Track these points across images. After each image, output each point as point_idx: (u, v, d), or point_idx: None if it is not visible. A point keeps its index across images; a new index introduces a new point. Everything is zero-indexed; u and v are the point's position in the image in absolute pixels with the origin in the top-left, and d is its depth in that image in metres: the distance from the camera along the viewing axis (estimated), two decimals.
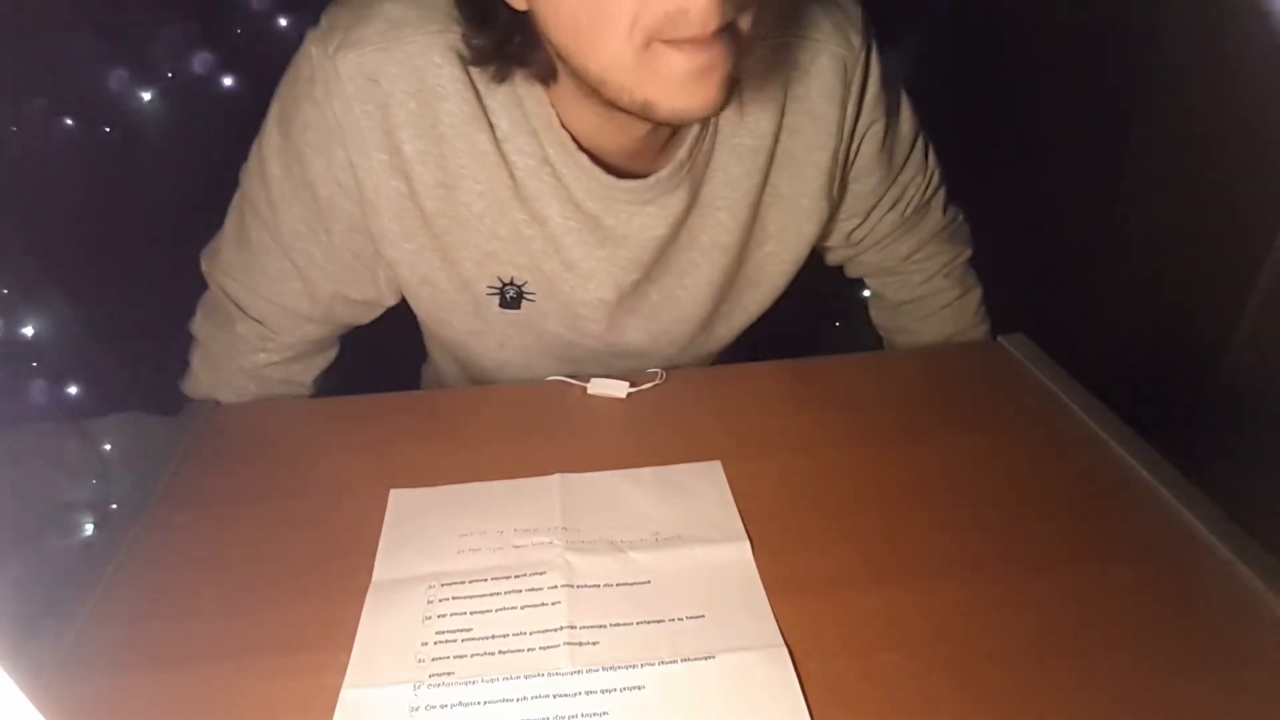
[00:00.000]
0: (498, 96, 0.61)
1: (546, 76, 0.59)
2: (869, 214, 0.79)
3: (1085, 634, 0.50)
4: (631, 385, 0.71)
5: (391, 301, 0.74)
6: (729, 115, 0.65)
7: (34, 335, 1.10)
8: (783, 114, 0.67)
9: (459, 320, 0.72)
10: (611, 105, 0.54)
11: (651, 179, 0.64)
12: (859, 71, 0.68)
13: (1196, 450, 0.74)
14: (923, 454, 0.64)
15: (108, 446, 1.02)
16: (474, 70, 0.60)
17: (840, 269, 0.90)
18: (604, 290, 0.69)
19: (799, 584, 0.54)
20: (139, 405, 1.02)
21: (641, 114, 0.53)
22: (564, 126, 0.62)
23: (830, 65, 0.66)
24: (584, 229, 0.66)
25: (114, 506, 0.98)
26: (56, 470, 1.00)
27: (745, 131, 0.66)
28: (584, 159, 0.62)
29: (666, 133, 0.64)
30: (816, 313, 1.31)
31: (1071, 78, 1.33)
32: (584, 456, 0.64)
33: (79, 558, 0.58)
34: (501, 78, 0.60)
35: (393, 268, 0.68)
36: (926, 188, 0.81)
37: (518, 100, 0.61)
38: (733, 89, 0.53)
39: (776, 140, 0.68)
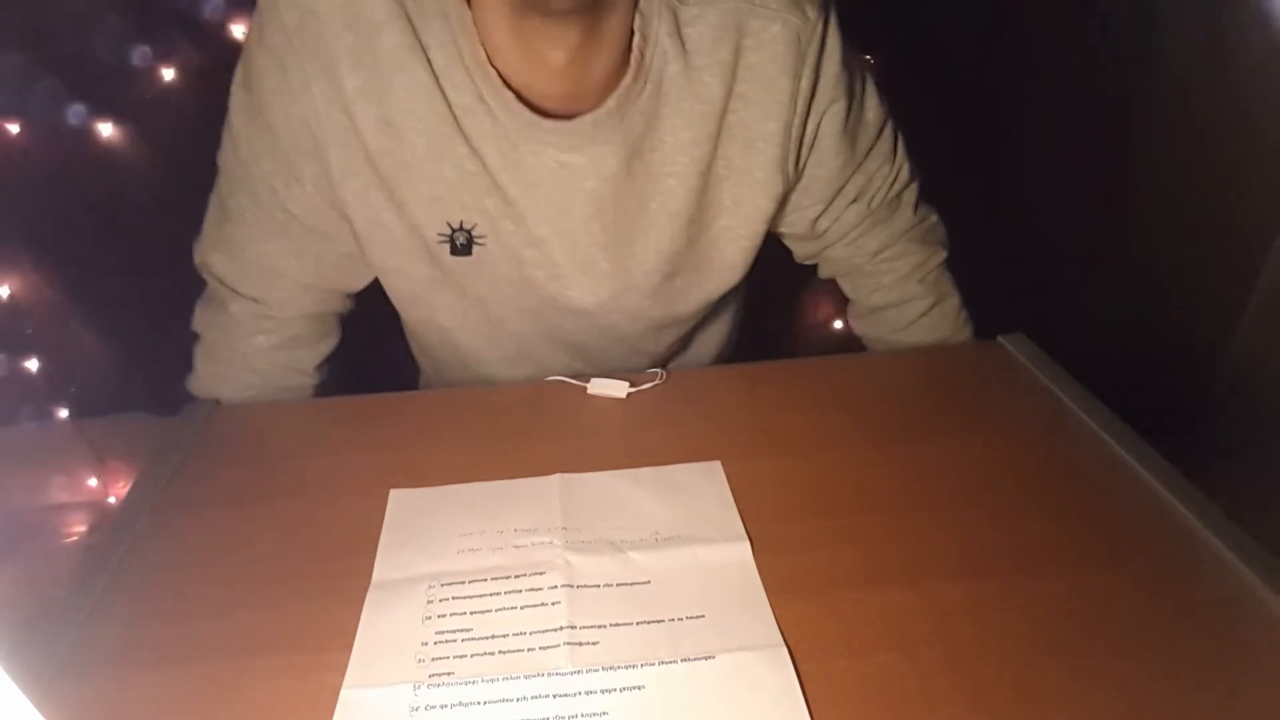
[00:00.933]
0: (433, 31, 0.62)
1: None
2: (832, 201, 0.78)
3: (1085, 634, 0.50)
4: (631, 385, 0.71)
5: (359, 276, 0.75)
6: (676, 79, 0.65)
7: (34, 335, 1.10)
8: (734, 81, 0.66)
9: (412, 268, 0.72)
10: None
11: (576, 121, 0.64)
12: (814, 44, 0.67)
13: (1196, 450, 0.74)
14: (923, 454, 0.64)
15: (108, 447, 1.02)
16: (412, 7, 0.61)
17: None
18: (542, 229, 0.68)
19: (799, 584, 0.54)
20: (139, 405, 1.02)
21: (512, 7, 0.57)
22: (491, 64, 0.62)
23: (783, 34, 0.65)
24: (519, 169, 0.66)
25: (114, 506, 0.98)
26: (56, 470, 1.00)
27: (694, 97, 0.66)
28: (509, 97, 0.62)
29: (593, 78, 0.63)
30: (816, 313, 1.32)
31: (1071, 77, 1.33)
32: (584, 456, 0.64)
33: (79, 558, 0.58)
34: None
35: (344, 210, 0.68)
36: (894, 181, 0.79)
37: (451, 36, 0.62)
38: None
39: (727, 107, 0.67)
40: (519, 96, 0.63)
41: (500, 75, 0.62)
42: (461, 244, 0.69)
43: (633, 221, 0.69)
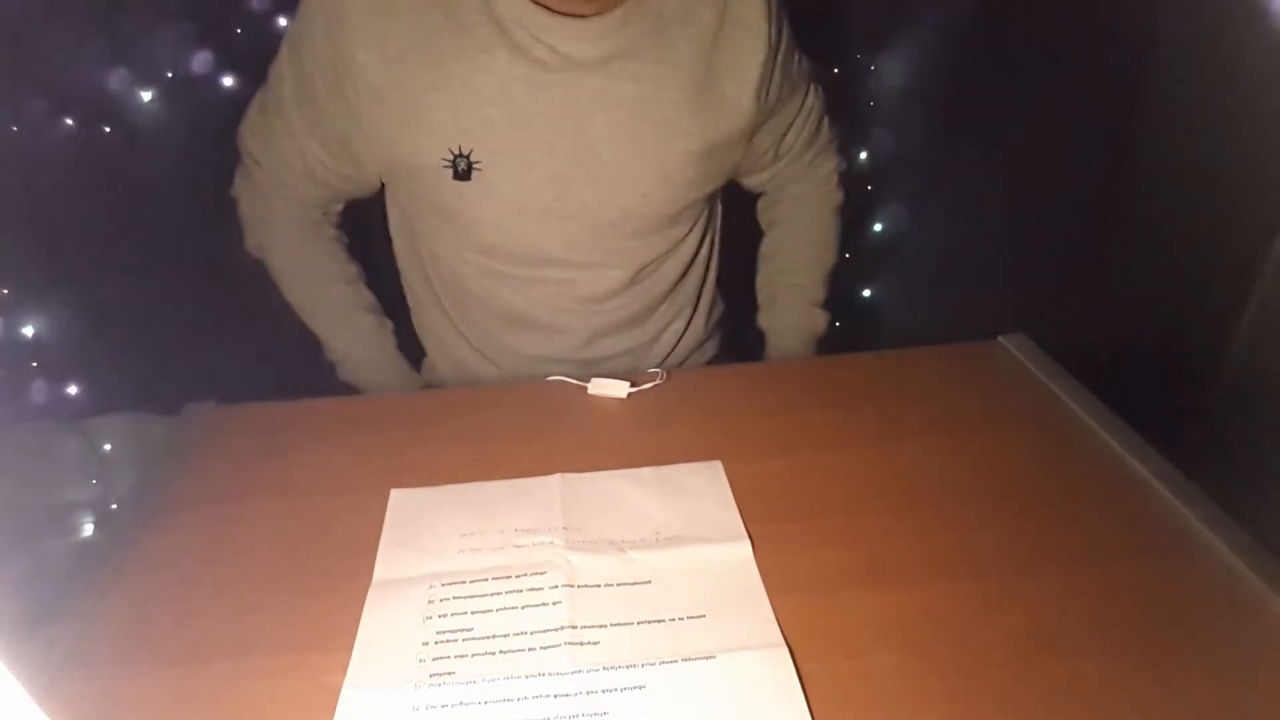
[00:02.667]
0: None
1: None
2: (790, 125, 0.92)
3: (1085, 633, 0.50)
4: (632, 385, 0.72)
5: (371, 180, 0.85)
6: (676, 11, 0.77)
7: (34, 335, 1.10)
8: (723, 21, 0.78)
9: (421, 188, 0.80)
10: None
11: (587, 20, 0.74)
12: (776, 2, 0.80)
13: (1196, 450, 0.74)
14: (923, 454, 0.64)
15: (108, 446, 1.02)
16: None
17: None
18: (549, 134, 0.76)
19: (799, 584, 0.54)
20: (139, 405, 1.02)
21: None
22: None
23: None
24: (527, 74, 0.74)
25: (114, 506, 0.98)
26: (56, 470, 1.00)
27: (690, 23, 0.77)
28: (529, 5, 0.72)
29: None
30: None
31: (1071, 77, 1.33)
32: (584, 456, 0.64)
33: (79, 558, 0.58)
34: None
35: (366, 134, 0.78)
36: (816, 101, 0.94)
37: None
38: None
39: (718, 41, 0.78)
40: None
41: None
42: (462, 170, 0.77)
43: (636, 124, 0.77)
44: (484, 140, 0.76)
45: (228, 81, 1.17)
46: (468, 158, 0.76)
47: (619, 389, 0.71)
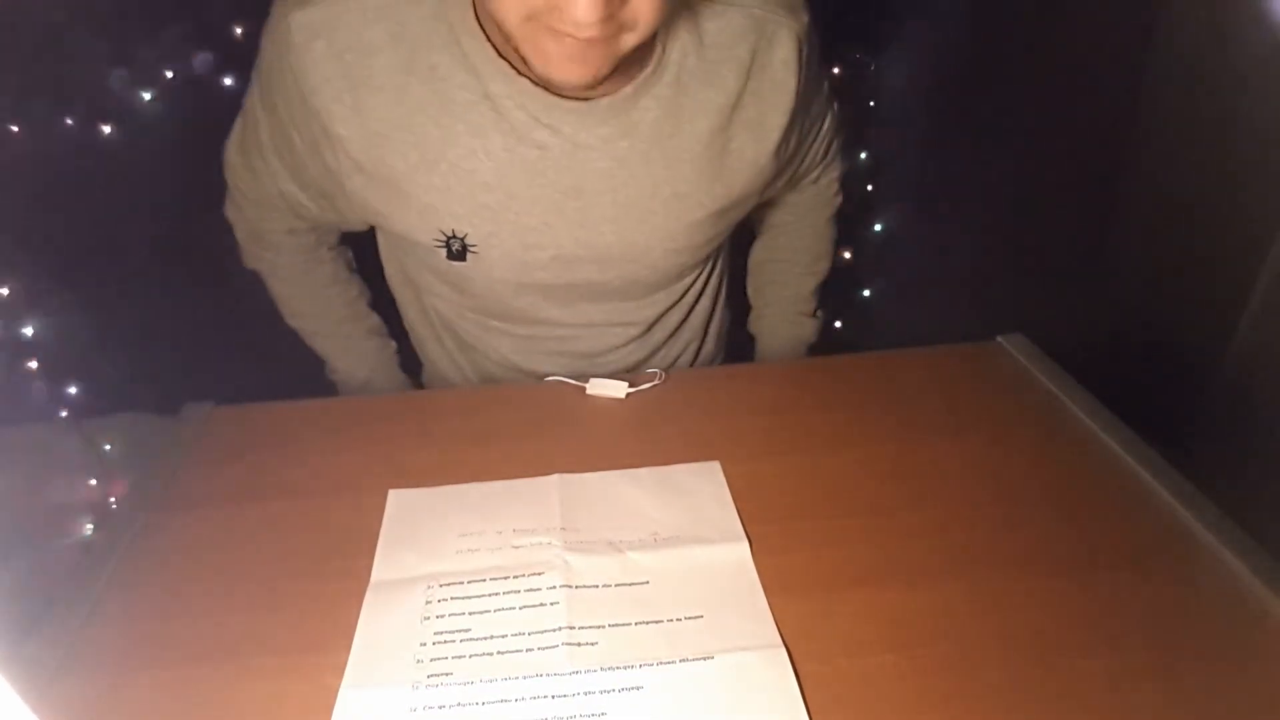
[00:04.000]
0: (434, 39, 0.65)
1: None
2: (805, 158, 0.87)
3: (1084, 634, 0.50)
4: (631, 385, 0.72)
5: (359, 226, 0.81)
6: (694, 71, 0.69)
7: (34, 335, 1.10)
8: (748, 78, 0.71)
9: (414, 251, 0.76)
10: None
11: (593, 103, 0.67)
12: (807, 45, 0.73)
13: (1196, 450, 0.74)
14: (922, 454, 0.64)
15: (108, 446, 1.02)
16: (409, 22, 0.65)
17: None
18: (548, 215, 0.71)
19: (798, 584, 0.54)
20: (139, 405, 1.02)
21: (522, 63, 0.61)
22: (501, 57, 0.65)
23: (789, 40, 0.71)
24: (525, 159, 0.68)
25: (114, 506, 0.98)
26: (56, 470, 1.00)
27: (711, 88, 0.70)
28: (525, 83, 0.65)
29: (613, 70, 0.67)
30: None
31: (1072, 78, 1.33)
32: (583, 457, 0.64)
33: (79, 558, 0.58)
34: None
35: (349, 198, 0.73)
36: (833, 121, 0.88)
37: (454, 38, 0.65)
38: (604, 75, 0.60)
39: (740, 101, 0.71)
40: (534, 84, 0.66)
41: (512, 66, 0.65)
42: (456, 250, 0.72)
43: (645, 202, 0.72)
44: (478, 225, 0.71)
45: (228, 81, 1.17)
46: (462, 240, 0.71)
47: (617, 389, 0.71)
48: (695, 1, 0.68)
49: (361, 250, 0.89)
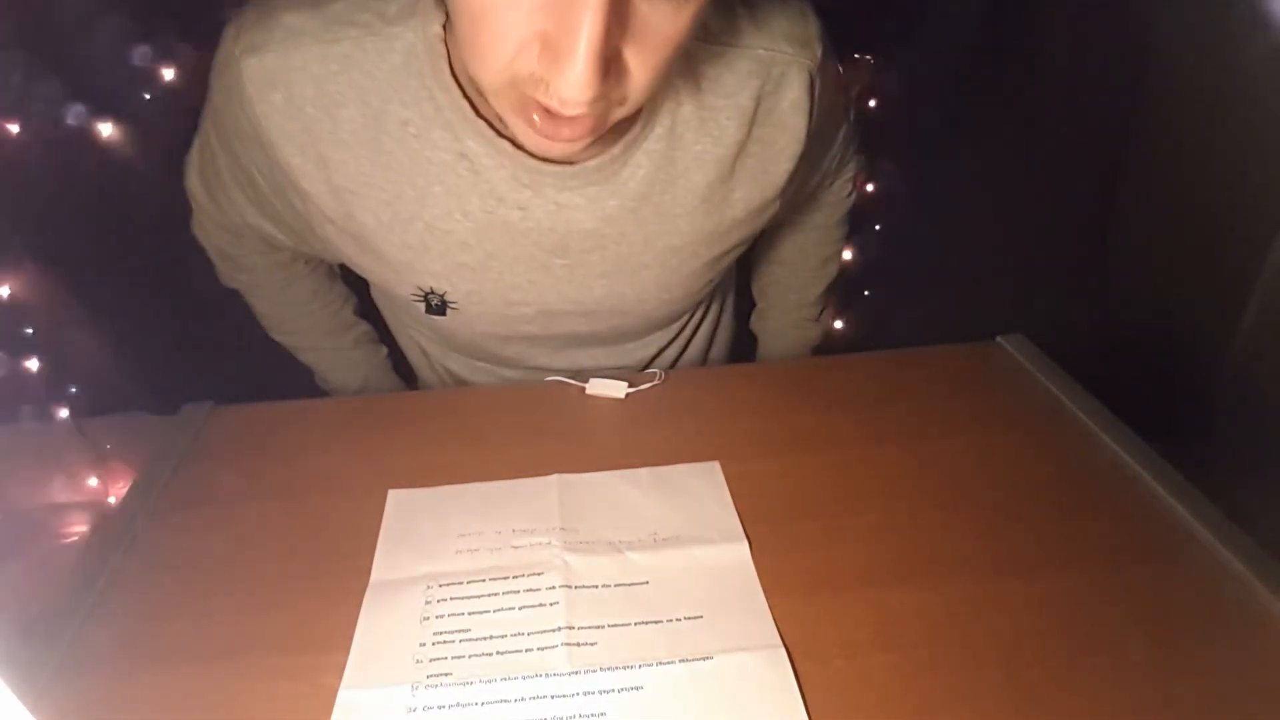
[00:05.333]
0: (406, 94, 0.59)
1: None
2: (820, 173, 0.83)
3: (1084, 634, 0.50)
4: (630, 385, 0.71)
5: (332, 260, 0.77)
6: (689, 119, 0.63)
7: (34, 335, 1.10)
8: (752, 125, 0.65)
9: (390, 302, 0.74)
10: None
11: (579, 166, 0.61)
12: (819, 79, 0.66)
13: (1196, 451, 0.74)
14: (922, 454, 0.64)
15: (108, 446, 1.02)
16: (377, 74, 0.59)
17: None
18: (532, 273, 0.67)
19: (797, 584, 0.54)
20: (139, 405, 1.02)
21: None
22: (479, 116, 0.59)
23: (799, 78, 0.64)
24: (506, 220, 0.63)
25: (114, 506, 0.98)
26: (56, 470, 1.00)
27: (708, 139, 0.64)
28: (505, 144, 0.59)
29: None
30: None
31: (1071, 78, 1.33)
32: (582, 457, 0.64)
33: (79, 558, 0.58)
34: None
35: (323, 242, 0.69)
36: (848, 129, 0.82)
37: (429, 94, 0.59)
38: (598, 134, 0.53)
39: (743, 150, 0.65)
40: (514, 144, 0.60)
41: (490, 125, 0.59)
42: (436, 305, 0.69)
43: (637, 257, 0.68)
44: (457, 284, 0.67)
45: None
46: (441, 296, 0.68)
47: (617, 389, 0.71)
48: (691, 44, 0.57)
49: None
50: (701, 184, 0.65)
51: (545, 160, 0.60)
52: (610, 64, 0.47)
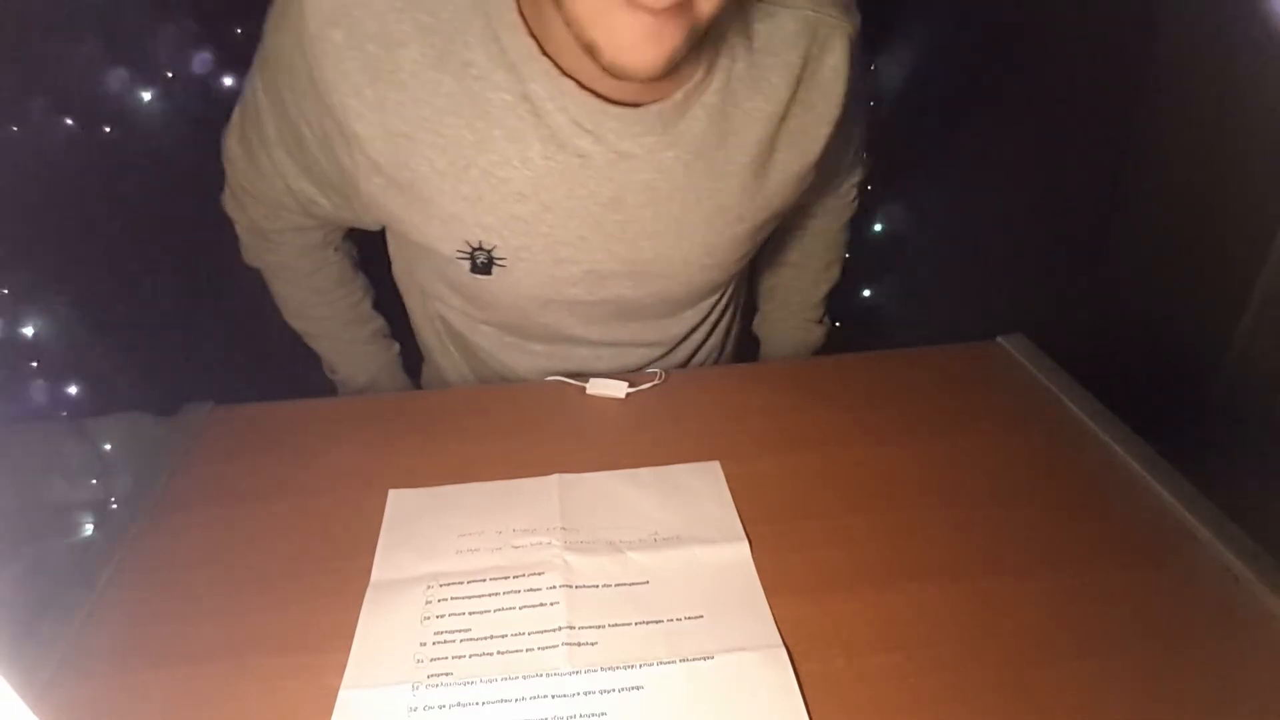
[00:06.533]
0: (470, 35, 0.60)
1: None
2: (837, 163, 0.83)
3: (1084, 634, 0.50)
4: (631, 385, 0.71)
5: (373, 226, 0.77)
6: (742, 76, 0.64)
7: (34, 335, 1.10)
8: (798, 87, 0.66)
9: (431, 260, 0.72)
10: None
11: (642, 109, 0.62)
12: (857, 48, 0.68)
13: (1196, 450, 0.74)
14: (922, 454, 0.64)
15: (108, 446, 1.02)
16: (441, 13, 0.59)
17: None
18: (584, 229, 0.66)
19: (798, 584, 0.54)
20: (139, 405, 1.02)
21: (586, 52, 0.54)
22: (544, 55, 0.59)
23: (842, 44, 0.67)
24: (565, 168, 0.63)
25: (114, 506, 0.98)
26: (56, 470, 1.00)
27: (760, 95, 0.65)
28: (570, 84, 0.60)
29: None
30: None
31: (1072, 77, 1.33)
32: (583, 457, 0.64)
33: (79, 558, 0.58)
34: None
35: (364, 200, 0.68)
36: (863, 133, 0.85)
37: (493, 34, 0.59)
38: (679, 57, 0.54)
39: (789, 111, 0.67)
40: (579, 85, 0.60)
41: (556, 64, 0.59)
42: (481, 263, 0.67)
43: (686, 215, 0.68)
44: (508, 237, 0.66)
45: (228, 81, 1.17)
46: (489, 253, 0.66)
47: (617, 389, 0.71)
48: (746, 1, 0.63)
49: (365, 239, 0.87)
50: (751, 142, 0.66)
51: (609, 101, 0.60)
52: None
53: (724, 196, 0.68)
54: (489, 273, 0.68)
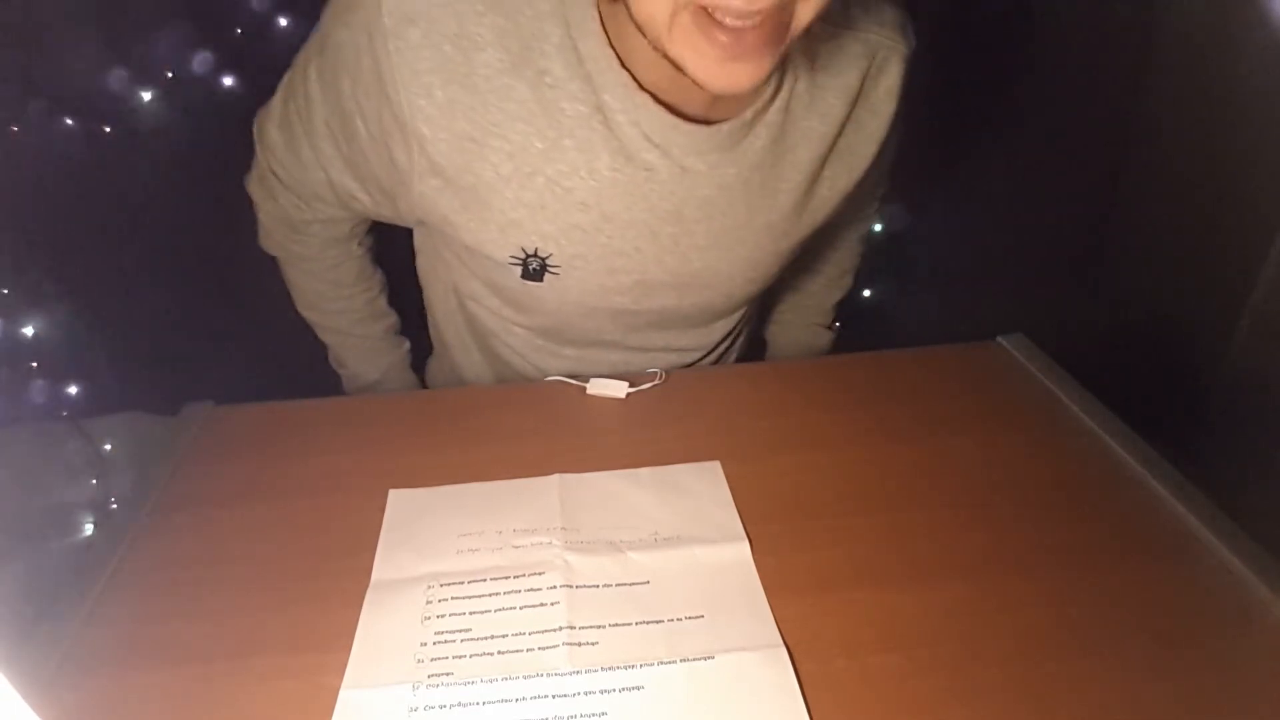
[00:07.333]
0: (548, 41, 0.59)
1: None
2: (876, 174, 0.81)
3: (1084, 634, 0.50)
4: (631, 385, 0.71)
5: (412, 224, 0.76)
6: (801, 96, 0.65)
7: (34, 335, 1.10)
8: (854, 105, 0.67)
9: (476, 265, 0.72)
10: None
11: (714, 128, 0.62)
12: (907, 68, 0.69)
13: (1196, 450, 0.74)
14: (922, 454, 0.64)
15: (108, 446, 1.02)
16: (521, 19, 0.58)
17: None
18: (641, 240, 0.66)
19: (798, 584, 0.54)
20: (139, 405, 1.02)
21: (675, 67, 0.53)
22: (623, 67, 0.59)
23: (898, 65, 0.68)
24: (631, 180, 0.63)
25: (114, 506, 0.98)
26: (56, 470, 1.00)
27: (816, 116, 0.66)
28: (645, 98, 0.60)
29: None
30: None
31: (1071, 78, 1.33)
32: (583, 456, 0.64)
33: (79, 558, 0.58)
34: None
35: (415, 200, 0.67)
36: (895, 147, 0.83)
37: (571, 43, 0.59)
38: (772, 71, 0.53)
39: (842, 131, 0.68)
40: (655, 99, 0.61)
41: (635, 79, 0.59)
42: (534, 270, 0.67)
43: (738, 231, 0.69)
44: (565, 245, 0.66)
45: (228, 81, 1.17)
46: (543, 260, 0.66)
47: (618, 389, 0.71)
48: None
49: (383, 230, 0.85)
50: (806, 160, 0.67)
51: (683, 118, 0.61)
52: None
53: (774, 213, 0.69)
54: (540, 279, 0.68)
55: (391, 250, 0.85)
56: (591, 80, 0.60)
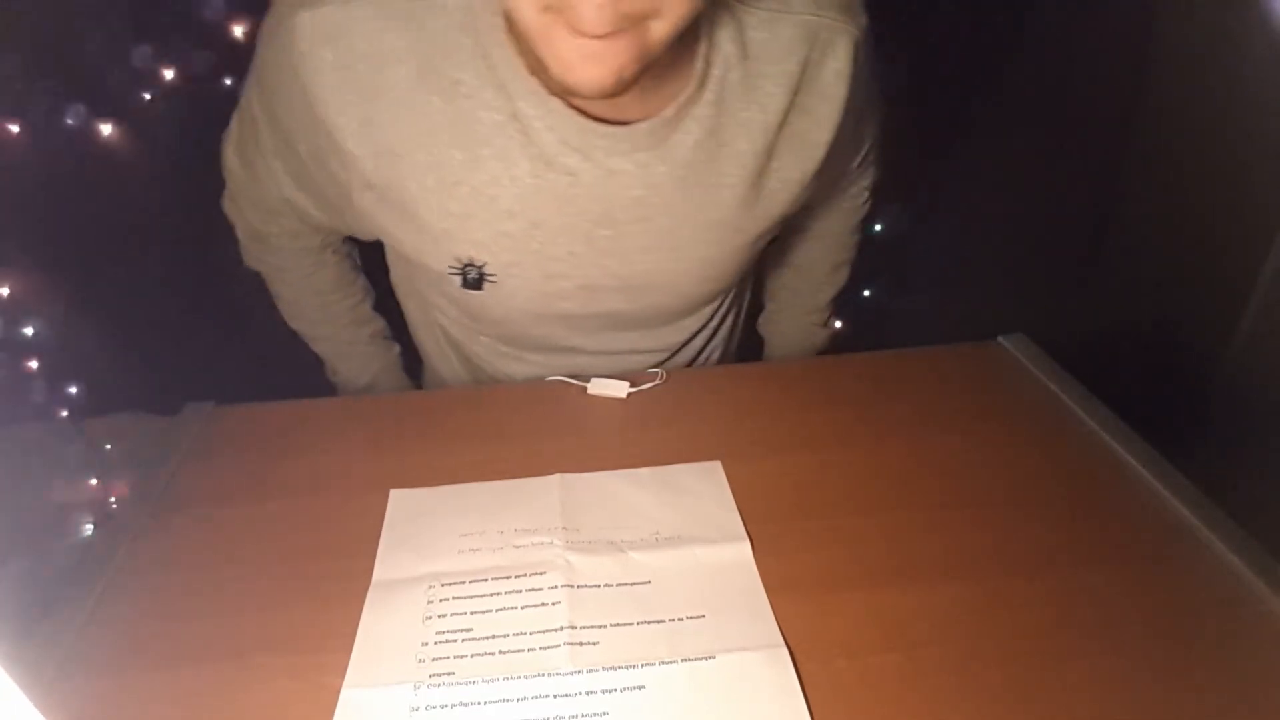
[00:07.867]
0: (460, 52, 0.59)
1: None
2: (846, 166, 0.81)
3: (1084, 634, 0.50)
4: (631, 385, 0.71)
5: (367, 238, 0.77)
6: (735, 86, 0.63)
7: (34, 335, 1.10)
8: (796, 93, 0.65)
9: (426, 275, 0.72)
10: None
11: (631, 127, 0.61)
12: (863, 51, 0.66)
13: (1196, 450, 0.74)
14: (922, 454, 0.64)
15: (108, 446, 1.02)
16: (432, 31, 0.59)
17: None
18: (575, 245, 0.66)
19: (799, 584, 0.54)
20: (139, 405, 1.02)
21: (539, 70, 0.54)
22: (533, 74, 0.59)
23: (845, 46, 0.65)
24: (554, 186, 0.63)
25: (114, 506, 0.98)
26: (56, 470, 1.00)
27: (755, 106, 0.64)
28: (557, 104, 0.59)
29: (651, 85, 0.59)
30: None
31: (1072, 78, 1.33)
32: (584, 456, 0.64)
33: (79, 558, 0.58)
34: None
35: (357, 213, 0.68)
36: (877, 132, 0.83)
37: (482, 52, 0.59)
38: (630, 76, 0.52)
39: (786, 119, 0.65)
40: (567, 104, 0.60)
41: (545, 85, 0.59)
42: (473, 279, 0.67)
43: (680, 230, 0.67)
44: (498, 253, 0.66)
45: (228, 81, 1.17)
46: (479, 269, 0.66)
47: (618, 389, 0.71)
48: (740, 9, 0.61)
49: (366, 243, 0.86)
50: (747, 153, 0.65)
51: (597, 120, 0.60)
52: None
53: (719, 210, 0.67)
54: (480, 288, 0.68)
55: (379, 263, 0.86)
56: (505, 88, 0.60)
